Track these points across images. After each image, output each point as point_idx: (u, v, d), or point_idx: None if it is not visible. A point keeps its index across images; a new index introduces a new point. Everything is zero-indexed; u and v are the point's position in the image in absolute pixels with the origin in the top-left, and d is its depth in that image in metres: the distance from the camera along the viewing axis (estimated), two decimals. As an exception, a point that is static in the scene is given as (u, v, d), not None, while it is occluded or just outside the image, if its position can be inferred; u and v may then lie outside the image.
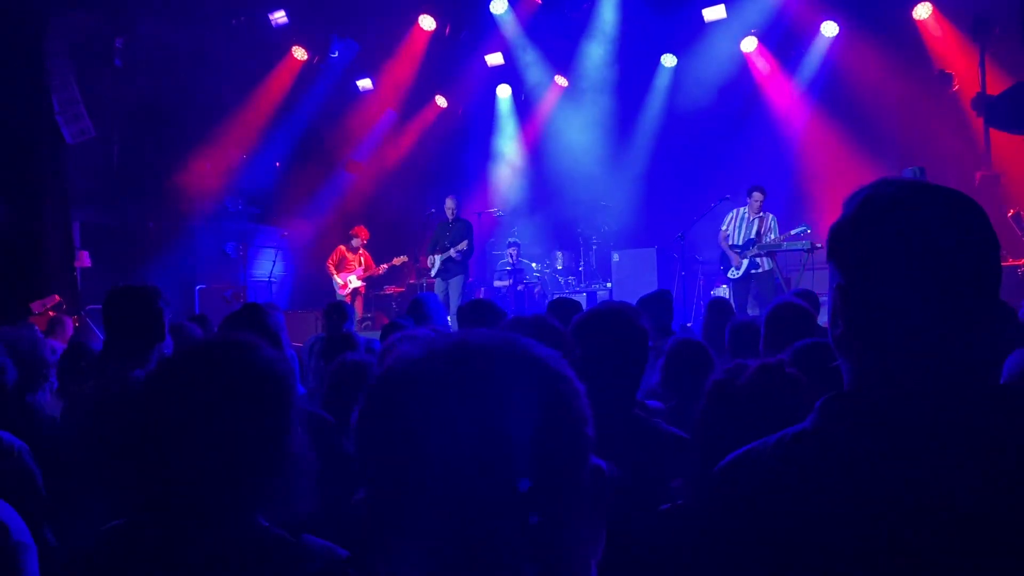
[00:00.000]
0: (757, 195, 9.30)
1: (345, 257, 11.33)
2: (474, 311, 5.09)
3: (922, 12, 10.54)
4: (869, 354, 1.14)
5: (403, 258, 11.28)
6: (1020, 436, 1.07)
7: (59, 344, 5.67)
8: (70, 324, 7.01)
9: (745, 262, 9.16)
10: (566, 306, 4.37)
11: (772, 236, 9.09)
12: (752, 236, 9.18)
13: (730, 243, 9.35)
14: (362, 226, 11.67)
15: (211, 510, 1.29)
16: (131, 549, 1.30)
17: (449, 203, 10.57)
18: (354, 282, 11.18)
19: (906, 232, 1.11)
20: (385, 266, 11.27)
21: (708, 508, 1.23)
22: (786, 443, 1.15)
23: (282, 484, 1.33)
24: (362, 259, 11.31)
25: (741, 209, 9.45)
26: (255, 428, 1.30)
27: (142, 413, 1.32)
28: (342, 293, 11.10)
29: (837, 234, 1.18)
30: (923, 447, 1.07)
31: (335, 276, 11.26)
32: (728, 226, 9.44)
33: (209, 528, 1.28)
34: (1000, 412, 1.09)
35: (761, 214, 9.22)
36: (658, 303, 5.01)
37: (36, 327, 6.77)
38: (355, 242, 11.35)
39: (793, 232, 9.02)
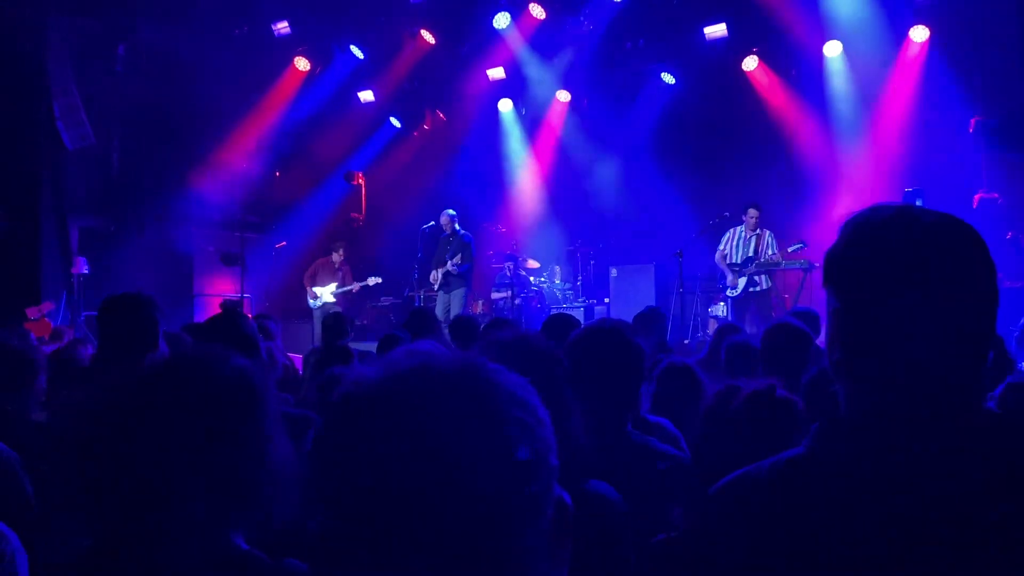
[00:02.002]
0: (752, 212, 9.31)
1: (320, 270, 11.41)
2: (468, 325, 5.09)
3: (919, 35, 10.61)
4: (865, 379, 1.13)
5: (377, 279, 11.35)
6: (1011, 462, 1.06)
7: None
8: (69, 334, 6.99)
9: (743, 280, 9.16)
10: (563, 321, 4.36)
11: (770, 252, 9.09)
12: (750, 254, 9.18)
13: (728, 261, 9.36)
14: (341, 242, 11.75)
15: (183, 531, 1.25)
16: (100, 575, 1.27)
17: (444, 218, 10.64)
18: (326, 296, 11.24)
19: (900, 257, 1.10)
20: (359, 285, 11.30)
21: (702, 530, 1.22)
22: (781, 467, 1.14)
23: (259, 499, 1.29)
24: (340, 273, 11.36)
25: (738, 228, 9.46)
26: (226, 443, 1.26)
27: (110, 430, 1.28)
28: (314, 306, 11.20)
29: (832, 259, 1.17)
30: (917, 473, 1.06)
31: (308, 289, 11.36)
32: (725, 245, 9.45)
33: (182, 550, 1.24)
34: (992, 438, 1.08)
35: (758, 231, 9.23)
36: (651, 321, 5.00)
37: (31, 333, 6.74)
38: (335, 256, 11.44)
39: (790, 249, 9.02)
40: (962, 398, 1.10)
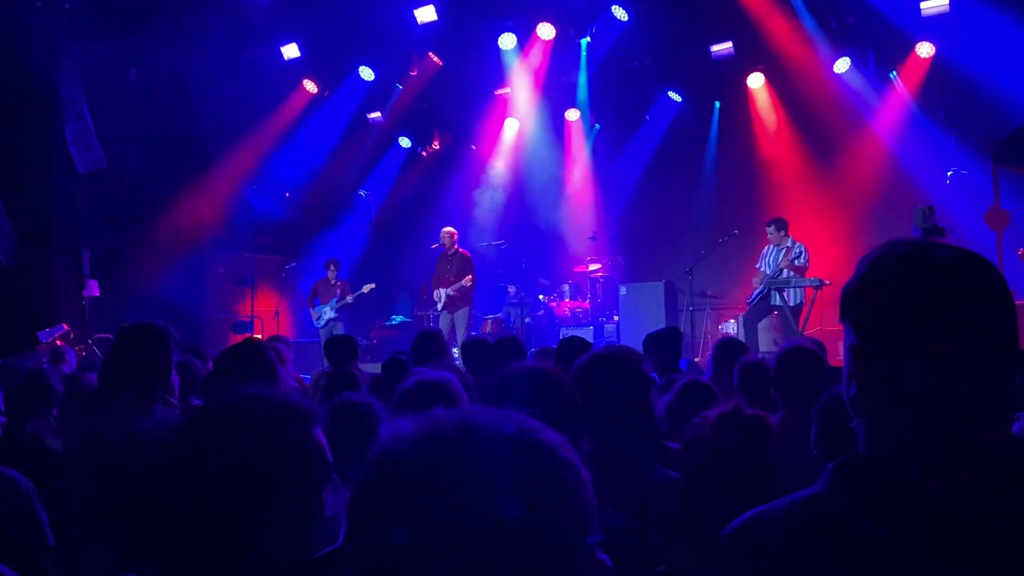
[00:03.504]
0: (768, 229, 9.26)
1: (320, 290, 11.46)
2: (481, 347, 5.08)
3: (924, 51, 10.63)
4: (883, 416, 1.12)
5: (371, 286, 11.38)
6: None
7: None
8: (72, 354, 6.99)
9: (758, 291, 9.13)
10: (576, 344, 4.35)
11: (800, 263, 8.99)
12: (776, 268, 9.14)
13: (764, 276, 9.32)
14: (333, 258, 11.79)
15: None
16: None
17: (444, 235, 10.63)
18: (328, 313, 11.27)
19: (917, 293, 1.10)
20: (351, 297, 11.32)
21: (715, 572, 1.20)
22: (796, 508, 1.12)
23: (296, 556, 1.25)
24: (339, 290, 11.39)
25: (771, 245, 9.43)
26: (276, 501, 1.22)
27: (156, 475, 1.25)
28: (318, 326, 11.23)
29: (849, 295, 1.16)
30: (942, 513, 1.04)
31: (311, 310, 11.45)
32: (761, 262, 9.42)
33: None
34: (1016, 476, 1.06)
35: (789, 245, 9.15)
36: (666, 341, 4.97)
37: (43, 357, 6.76)
38: (330, 274, 11.48)
39: (792, 258, 8.97)
40: (985, 435, 1.08)
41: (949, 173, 10.19)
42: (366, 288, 11.35)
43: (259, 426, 1.25)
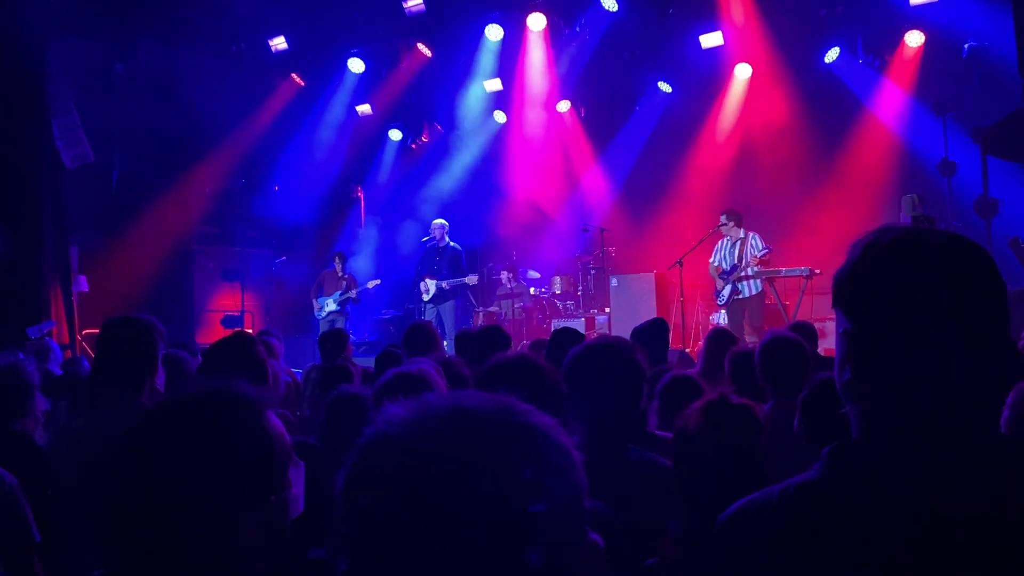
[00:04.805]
0: (722, 219, 9.26)
1: (326, 281, 11.42)
2: (472, 339, 5.07)
3: (914, 40, 10.64)
4: (876, 402, 1.12)
5: (376, 281, 11.37)
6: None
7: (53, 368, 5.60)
8: (58, 349, 6.92)
9: (728, 288, 9.13)
10: (570, 336, 4.35)
11: (756, 254, 9.00)
12: (735, 261, 9.15)
13: (721, 271, 9.34)
14: (340, 251, 11.75)
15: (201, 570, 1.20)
16: None
17: (435, 227, 10.62)
18: (330, 306, 11.23)
19: (909, 278, 1.09)
20: (355, 292, 11.29)
21: (711, 559, 1.20)
22: (791, 494, 1.12)
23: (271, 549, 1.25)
24: (344, 283, 11.36)
25: (725, 238, 9.45)
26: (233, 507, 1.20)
27: (115, 470, 1.24)
28: (319, 317, 11.20)
29: (841, 281, 1.16)
30: (931, 501, 1.04)
31: (314, 301, 11.42)
32: (715, 256, 9.45)
33: None
34: (1007, 465, 1.06)
35: (742, 236, 9.16)
36: (653, 333, 4.97)
37: (22, 354, 6.69)
38: (337, 266, 11.45)
39: (758, 255, 8.96)
40: (978, 419, 1.08)
41: (939, 162, 10.22)
42: (371, 284, 11.32)
43: (209, 419, 1.24)
